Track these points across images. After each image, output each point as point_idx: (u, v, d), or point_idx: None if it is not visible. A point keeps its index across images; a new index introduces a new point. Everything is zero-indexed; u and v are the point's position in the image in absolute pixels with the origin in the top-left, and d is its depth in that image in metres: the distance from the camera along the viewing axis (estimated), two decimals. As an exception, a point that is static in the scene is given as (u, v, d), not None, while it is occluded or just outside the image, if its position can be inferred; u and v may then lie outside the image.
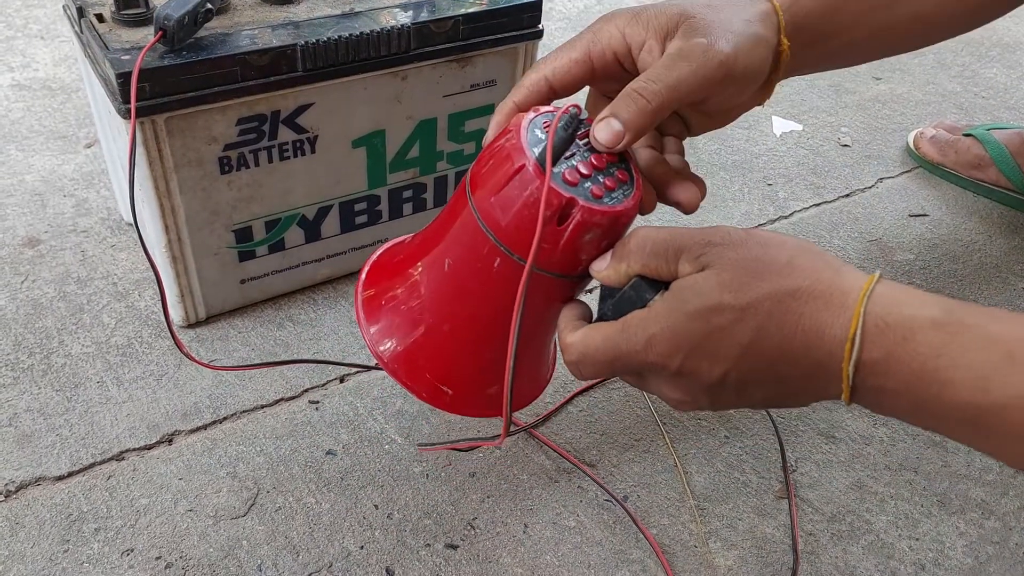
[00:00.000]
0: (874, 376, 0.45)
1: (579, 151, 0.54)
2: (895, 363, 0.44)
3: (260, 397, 0.78)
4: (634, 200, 0.54)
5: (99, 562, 0.65)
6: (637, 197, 0.54)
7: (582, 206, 0.51)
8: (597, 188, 0.52)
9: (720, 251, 0.48)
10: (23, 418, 0.75)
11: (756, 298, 0.47)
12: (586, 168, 0.53)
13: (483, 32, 0.82)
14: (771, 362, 0.47)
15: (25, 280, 0.89)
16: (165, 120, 0.71)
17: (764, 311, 0.47)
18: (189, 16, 0.69)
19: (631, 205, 0.53)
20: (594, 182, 0.53)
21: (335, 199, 0.85)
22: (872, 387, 0.46)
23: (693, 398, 0.51)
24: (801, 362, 0.47)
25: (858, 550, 0.69)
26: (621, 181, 0.54)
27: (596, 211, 0.52)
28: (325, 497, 0.70)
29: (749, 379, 0.48)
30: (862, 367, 0.45)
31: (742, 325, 0.47)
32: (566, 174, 0.52)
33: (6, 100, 1.19)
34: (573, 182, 0.52)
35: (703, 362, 0.48)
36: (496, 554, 0.67)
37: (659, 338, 0.49)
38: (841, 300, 0.46)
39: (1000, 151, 1.10)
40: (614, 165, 0.54)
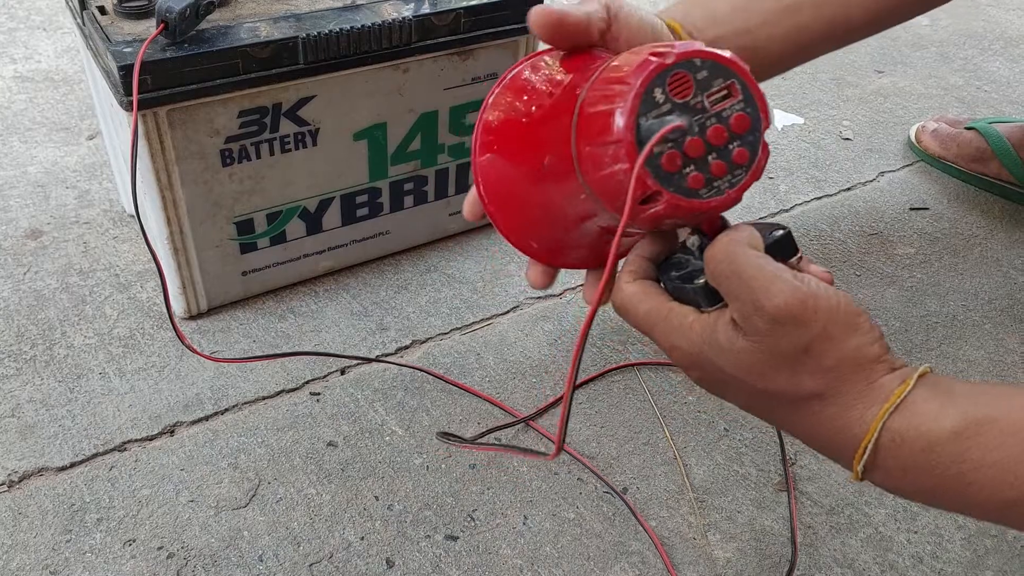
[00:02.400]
0: (889, 479, 0.45)
1: (699, 120, 0.48)
2: (912, 472, 0.44)
3: (261, 389, 0.79)
4: (738, 191, 0.49)
5: (101, 552, 0.65)
6: (745, 185, 0.49)
7: (668, 199, 0.47)
8: (698, 175, 0.48)
9: (773, 330, 0.46)
10: (26, 409, 0.75)
11: (777, 389, 0.47)
12: (696, 148, 0.48)
13: (484, 25, 0.82)
14: (785, 413, 0.49)
15: (28, 271, 0.89)
16: (167, 112, 0.71)
17: (785, 400, 0.47)
18: (191, 8, 0.69)
19: (730, 199, 0.49)
20: (700, 167, 0.48)
21: (336, 191, 0.85)
22: (887, 486, 0.46)
23: (705, 386, 0.51)
24: (819, 435, 0.48)
25: (856, 543, 0.70)
26: (736, 164, 0.49)
27: (682, 206, 0.48)
28: (326, 488, 0.71)
29: (760, 412, 0.50)
30: (876, 471, 0.45)
31: (758, 399, 0.49)
32: (665, 159, 0.47)
33: (9, 92, 1.20)
34: (671, 168, 0.47)
35: (715, 388, 0.50)
36: (496, 545, 0.68)
37: (683, 353, 0.49)
38: (860, 414, 0.45)
39: (1002, 144, 1.10)
40: (738, 139, 0.49)
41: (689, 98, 0.48)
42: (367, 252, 0.93)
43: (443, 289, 0.91)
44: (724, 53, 0.49)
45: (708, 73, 0.48)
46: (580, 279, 0.92)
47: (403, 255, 0.95)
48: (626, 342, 0.86)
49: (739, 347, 0.46)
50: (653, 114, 0.47)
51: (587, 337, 0.48)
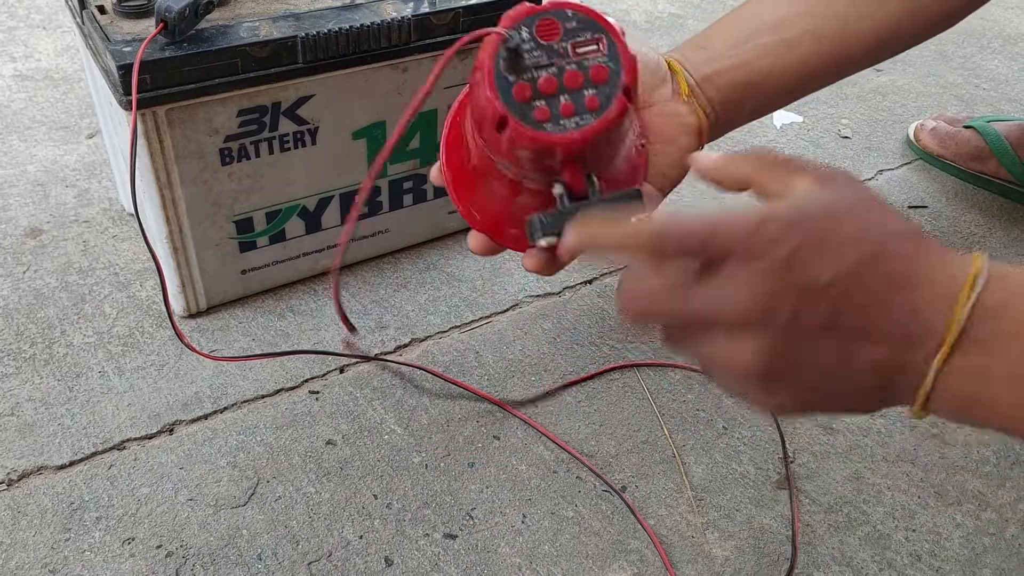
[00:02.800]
0: (989, 321, 0.43)
1: (558, 62, 0.52)
2: (1015, 305, 0.43)
3: (260, 387, 0.79)
4: (582, 132, 0.52)
5: (100, 550, 0.65)
6: (592, 129, 0.52)
7: (513, 126, 0.51)
8: (544, 110, 0.52)
9: (848, 181, 0.47)
10: (25, 407, 0.75)
11: (877, 223, 0.45)
12: (549, 86, 0.52)
13: (483, 24, 0.81)
14: (876, 293, 0.45)
15: (27, 270, 0.89)
16: (166, 112, 0.71)
17: (887, 235, 0.45)
18: (190, 8, 0.69)
19: (571, 138, 0.52)
20: (549, 103, 0.52)
21: (336, 190, 0.85)
22: (980, 338, 0.43)
23: (769, 313, 0.45)
24: (905, 302, 0.45)
25: (855, 541, 0.70)
26: (586, 108, 0.52)
27: (525, 134, 0.51)
28: (325, 487, 0.71)
29: (844, 306, 0.44)
30: (978, 309, 0.43)
31: (864, 236, 0.45)
32: (515, 89, 0.51)
33: (8, 90, 1.20)
34: (520, 98, 0.51)
35: (816, 256, 0.44)
36: (494, 544, 0.68)
37: (777, 220, 0.44)
38: (954, 255, 0.45)
39: (1000, 143, 1.10)
40: (593, 88, 0.52)
41: (554, 42, 0.52)
42: (366, 250, 0.93)
43: (442, 287, 0.91)
44: (598, 11, 0.53)
45: (577, 24, 0.52)
46: (580, 280, 0.93)
47: (402, 253, 0.95)
48: (624, 341, 0.86)
49: (843, 191, 0.46)
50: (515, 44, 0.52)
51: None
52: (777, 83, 0.70)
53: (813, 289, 0.44)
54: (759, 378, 0.46)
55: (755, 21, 0.71)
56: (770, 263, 0.44)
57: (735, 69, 0.69)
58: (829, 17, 0.71)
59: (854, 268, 0.44)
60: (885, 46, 0.74)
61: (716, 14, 1.56)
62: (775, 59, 0.70)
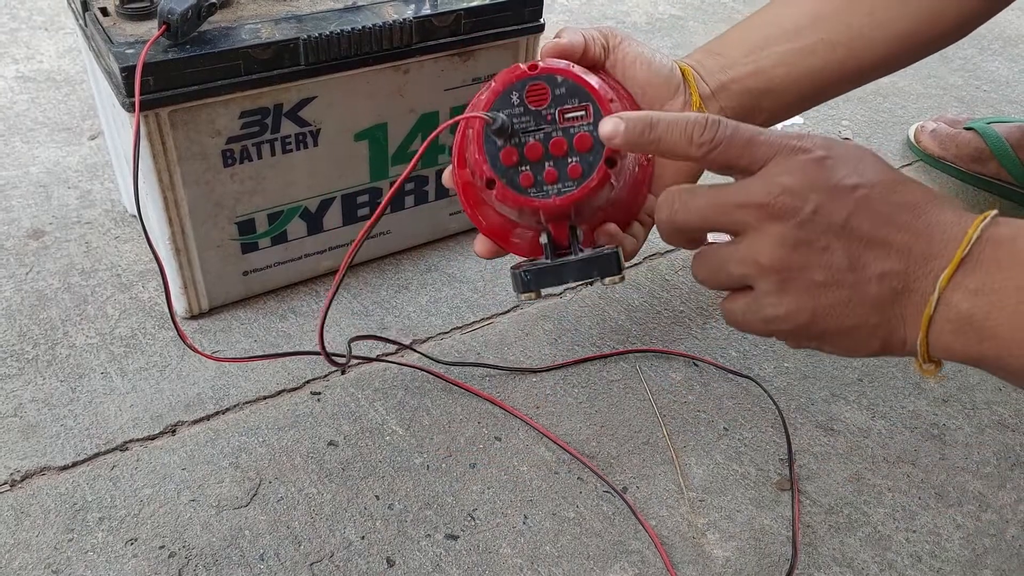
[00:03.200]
0: (995, 246, 0.47)
1: (545, 129, 0.55)
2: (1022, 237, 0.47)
3: (262, 388, 0.79)
4: (563, 199, 0.56)
5: (103, 551, 0.66)
6: (572, 197, 0.56)
7: (499, 187, 0.55)
8: (529, 175, 0.55)
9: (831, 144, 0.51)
10: (28, 408, 0.76)
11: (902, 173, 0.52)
12: (535, 152, 0.55)
13: (485, 26, 0.82)
14: (893, 209, 0.49)
15: (30, 271, 0.90)
16: (169, 113, 0.71)
17: (910, 178, 0.51)
18: (192, 10, 0.69)
19: (553, 204, 0.56)
20: (534, 169, 0.55)
21: (337, 192, 0.86)
22: (985, 260, 0.47)
23: (797, 200, 0.49)
24: (919, 223, 0.49)
25: (855, 542, 0.70)
26: (568, 176, 0.56)
27: (509, 197, 0.56)
28: (327, 487, 0.71)
29: (864, 210, 0.49)
30: (987, 236, 0.47)
31: (890, 169, 0.51)
32: (503, 154, 0.55)
33: (11, 92, 1.20)
34: (507, 163, 0.55)
35: (846, 165, 0.50)
36: (496, 545, 0.68)
37: (817, 137, 0.50)
38: (966, 211, 0.50)
39: (1001, 145, 1.10)
40: (577, 156, 0.55)
41: (542, 107, 0.55)
42: (368, 252, 0.93)
43: (443, 289, 0.91)
44: (590, 80, 0.56)
45: (566, 91, 0.55)
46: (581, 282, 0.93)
47: (404, 255, 0.96)
48: (625, 342, 0.86)
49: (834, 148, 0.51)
50: (505, 112, 0.55)
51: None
52: (792, 91, 0.71)
53: (840, 187, 0.49)
54: (775, 271, 0.51)
55: (771, 28, 0.72)
56: (805, 161, 0.50)
57: (751, 76, 0.69)
58: (844, 26, 0.71)
59: (879, 183, 0.50)
60: (900, 55, 0.75)
61: (716, 16, 1.57)
62: (791, 67, 0.70)
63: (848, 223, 0.49)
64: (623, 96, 0.64)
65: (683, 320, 0.89)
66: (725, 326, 0.89)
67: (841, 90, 0.75)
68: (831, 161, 0.50)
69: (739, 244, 0.52)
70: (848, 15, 0.71)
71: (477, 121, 0.55)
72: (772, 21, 0.72)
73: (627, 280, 0.93)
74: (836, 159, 0.50)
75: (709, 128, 0.50)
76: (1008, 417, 0.81)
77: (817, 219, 0.49)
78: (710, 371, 0.84)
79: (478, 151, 0.55)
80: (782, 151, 0.50)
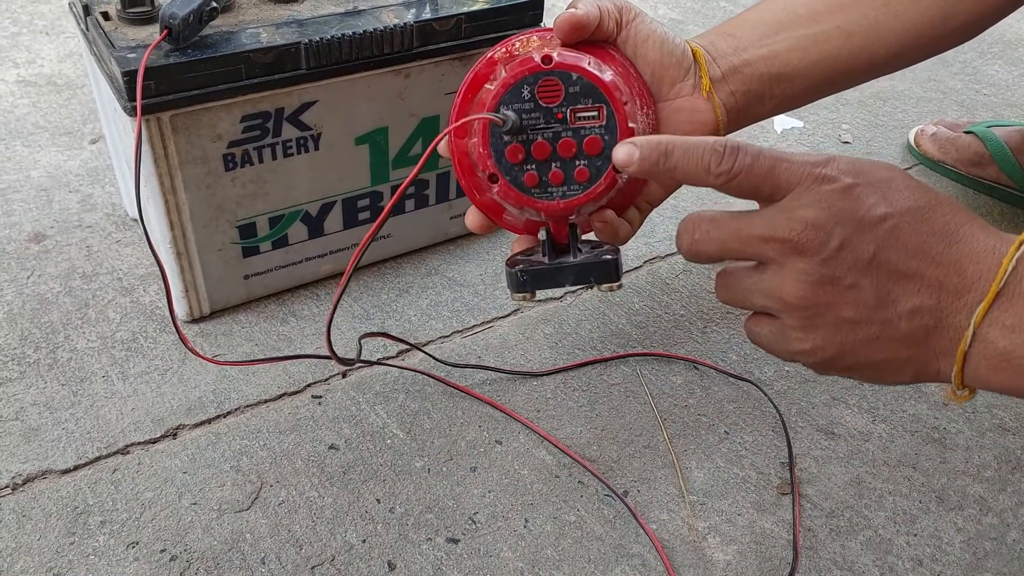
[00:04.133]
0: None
1: (557, 128, 0.53)
2: None
3: (263, 392, 0.79)
4: (568, 203, 0.55)
5: (105, 555, 0.66)
6: (576, 201, 0.55)
7: (502, 184, 0.54)
8: (533, 175, 0.54)
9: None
10: (29, 412, 0.76)
11: (931, 189, 0.49)
12: (542, 151, 0.53)
13: (485, 30, 0.82)
14: (923, 240, 0.47)
15: (31, 275, 0.90)
16: (170, 117, 0.71)
17: (941, 198, 0.49)
18: (194, 14, 0.69)
19: (556, 206, 0.55)
20: (539, 168, 0.54)
21: (338, 195, 0.86)
22: (1022, 293, 0.45)
23: (822, 236, 0.48)
24: (950, 254, 0.47)
25: (856, 545, 0.70)
26: (574, 179, 0.54)
27: (511, 195, 0.54)
28: (328, 491, 0.71)
29: (892, 243, 0.47)
30: (1021, 269, 0.45)
31: (920, 191, 0.49)
32: (508, 151, 0.53)
33: (12, 96, 1.20)
34: (512, 160, 0.54)
35: (873, 194, 0.47)
36: (497, 548, 0.68)
37: (841, 160, 0.48)
38: (998, 231, 0.48)
39: (1000, 148, 1.10)
40: (585, 159, 0.54)
41: (554, 105, 0.53)
42: (369, 255, 0.93)
43: (444, 292, 0.92)
44: (605, 78, 0.54)
45: (580, 90, 0.53)
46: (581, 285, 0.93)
47: (404, 258, 0.96)
48: (626, 345, 0.86)
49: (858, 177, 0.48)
50: (515, 106, 0.53)
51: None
52: (804, 78, 0.70)
53: (866, 220, 0.47)
54: (802, 307, 0.49)
55: (787, 12, 0.70)
56: (829, 192, 0.47)
57: (764, 61, 0.68)
58: (860, 15, 0.70)
59: (908, 211, 0.47)
60: (913, 50, 0.73)
61: (716, 19, 1.57)
62: (805, 52, 0.69)
63: (876, 257, 0.47)
64: (633, 77, 0.62)
65: (683, 324, 0.89)
66: (726, 329, 0.89)
67: (851, 82, 0.74)
68: (858, 190, 0.47)
69: (763, 275, 0.50)
70: (864, 5, 0.70)
71: (486, 110, 0.53)
72: (786, 6, 0.71)
73: (628, 284, 0.93)
74: (863, 187, 0.48)
75: (727, 157, 0.49)
76: (1008, 421, 0.81)
77: (843, 255, 0.47)
78: (711, 375, 0.84)
79: (483, 144, 0.54)
80: (805, 180, 0.48)
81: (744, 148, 0.49)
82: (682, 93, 0.65)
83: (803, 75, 0.69)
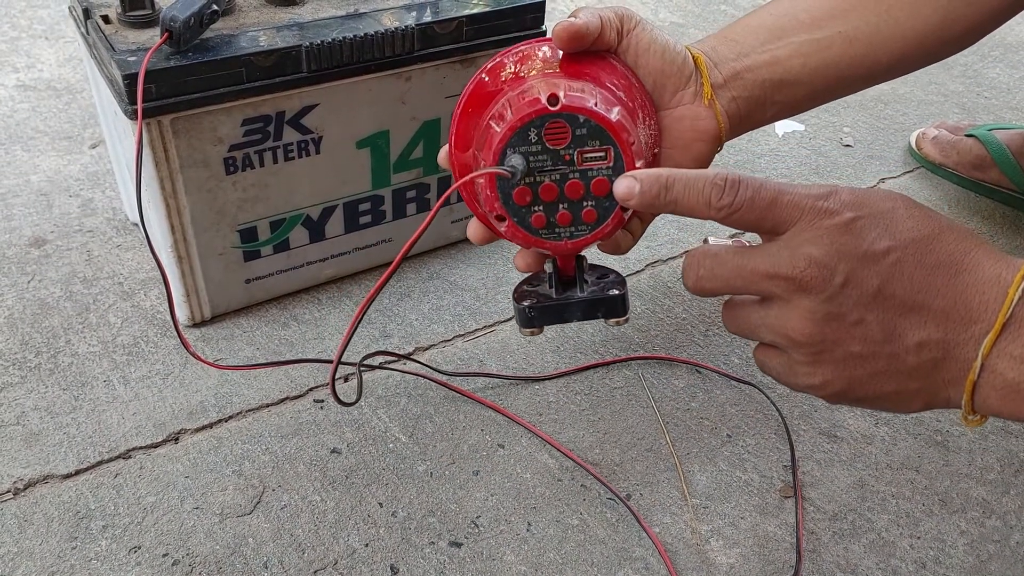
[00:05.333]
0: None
1: (561, 170, 0.53)
2: None
3: (265, 396, 0.79)
4: (575, 243, 0.55)
5: (106, 559, 0.65)
6: (584, 241, 0.55)
7: (509, 225, 0.54)
8: (541, 216, 0.54)
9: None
10: (31, 416, 0.75)
11: (935, 215, 0.49)
12: (549, 193, 0.53)
13: (486, 33, 0.82)
14: (927, 273, 0.47)
15: (32, 280, 0.90)
16: (171, 121, 0.71)
17: (944, 225, 0.48)
18: (195, 18, 0.69)
19: (564, 247, 0.56)
20: (547, 210, 0.54)
21: (340, 199, 0.86)
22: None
23: (826, 273, 0.47)
24: (956, 284, 0.47)
25: (859, 548, 0.70)
26: (582, 220, 0.55)
27: (519, 236, 0.55)
28: (330, 495, 0.71)
29: (897, 276, 0.47)
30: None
31: (924, 220, 0.48)
32: (516, 193, 0.53)
33: (11, 101, 1.20)
34: (520, 202, 0.54)
35: (876, 227, 0.47)
36: (499, 552, 0.68)
37: (844, 192, 0.48)
38: (1004, 255, 0.47)
39: (1002, 152, 1.10)
40: (592, 200, 0.54)
41: (561, 147, 0.53)
42: (370, 259, 0.93)
43: (446, 296, 0.91)
44: (612, 119, 0.53)
45: (587, 132, 0.53)
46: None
47: (405, 262, 0.96)
48: (628, 349, 0.86)
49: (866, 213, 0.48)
50: (522, 149, 0.53)
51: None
52: (806, 84, 0.70)
53: (870, 254, 0.47)
54: (808, 344, 0.49)
55: (788, 18, 0.70)
56: (832, 227, 0.47)
57: (766, 66, 0.68)
58: (863, 21, 0.70)
59: (911, 242, 0.47)
60: (914, 55, 0.74)
61: (717, 23, 1.57)
62: (807, 58, 0.69)
63: (881, 292, 0.47)
64: (635, 88, 0.62)
65: (685, 327, 0.89)
66: (727, 333, 0.89)
67: (852, 88, 0.74)
68: (860, 223, 0.47)
69: (769, 311, 0.50)
70: (866, 11, 0.70)
71: (491, 155, 0.53)
72: (788, 11, 0.71)
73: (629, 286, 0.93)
74: (865, 219, 0.47)
75: (728, 191, 0.48)
76: (1011, 423, 0.81)
77: (847, 291, 0.47)
78: (713, 378, 0.84)
79: (490, 187, 0.54)
80: (807, 214, 0.48)
81: (745, 182, 0.48)
82: (683, 101, 0.65)
83: (805, 81, 0.69)
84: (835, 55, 0.70)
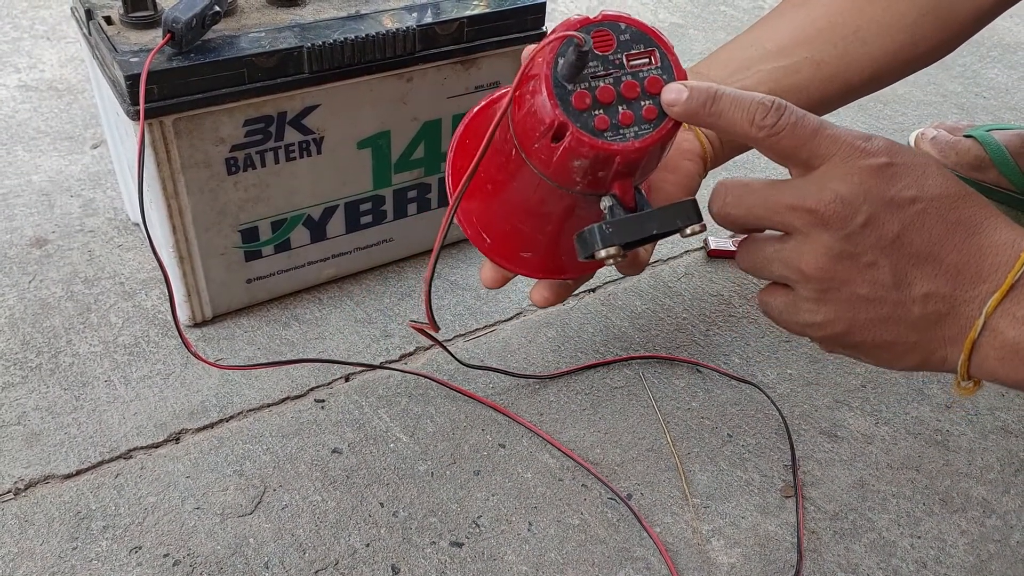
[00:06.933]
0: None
1: (614, 73, 0.52)
2: None
3: (266, 396, 0.79)
4: (642, 142, 0.52)
5: (107, 559, 0.65)
6: (650, 140, 0.52)
7: (573, 133, 0.50)
8: (604, 118, 0.51)
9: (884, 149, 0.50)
10: (31, 416, 0.76)
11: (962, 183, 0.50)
12: (607, 95, 0.51)
13: (487, 34, 0.82)
14: (947, 228, 0.48)
15: (33, 280, 0.90)
16: (173, 121, 0.72)
17: (970, 190, 0.50)
18: (197, 19, 0.70)
19: (632, 147, 0.52)
20: (608, 111, 0.51)
21: (341, 199, 0.86)
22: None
23: (849, 210, 0.48)
24: (972, 244, 0.48)
25: (860, 548, 0.70)
26: (644, 119, 0.52)
27: (585, 142, 0.51)
28: (331, 495, 0.71)
29: (917, 226, 0.48)
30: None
31: (952, 180, 0.49)
32: (575, 97, 0.51)
33: (13, 101, 1.20)
34: (580, 106, 0.51)
35: (908, 176, 0.48)
36: (501, 552, 0.68)
37: (881, 139, 0.49)
38: (1020, 227, 0.49)
39: (1000, 152, 1.10)
40: (650, 98, 0.52)
41: (608, 53, 0.52)
42: (371, 259, 0.93)
43: (446, 296, 0.92)
44: (649, 25, 0.53)
45: (630, 37, 0.52)
46: (584, 288, 0.93)
47: (406, 262, 0.96)
48: (628, 348, 0.86)
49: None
50: (563, 59, 0.51)
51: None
52: None
53: (896, 200, 0.48)
54: (818, 279, 0.50)
55: (755, 48, 0.72)
56: (865, 167, 0.48)
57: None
58: (829, 45, 0.72)
59: (937, 197, 0.48)
60: (886, 72, 0.75)
61: (716, 24, 1.57)
62: (776, 83, 0.70)
63: (899, 238, 0.48)
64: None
65: (686, 327, 0.90)
66: (728, 332, 0.89)
67: (828, 108, 0.74)
68: (893, 169, 0.48)
69: (785, 244, 0.51)
70: (833, 35, 0.72)
71: (545, 66, 0.51)
72: (755, 43, 0.73)
73: (629, 287, 0.94)
74: (898, 167, 0.48)
75: (773, 112, 0.49)
76: (1011, 423, 0.81)
77: (866, 232, 0.48)
78: (713, 377, 0.84)
79: (548, 95, 0.51)
80: (843, 150, 0.49)
81: (791, 107, 0.50)
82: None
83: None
84: (804, 79, 0.71)
